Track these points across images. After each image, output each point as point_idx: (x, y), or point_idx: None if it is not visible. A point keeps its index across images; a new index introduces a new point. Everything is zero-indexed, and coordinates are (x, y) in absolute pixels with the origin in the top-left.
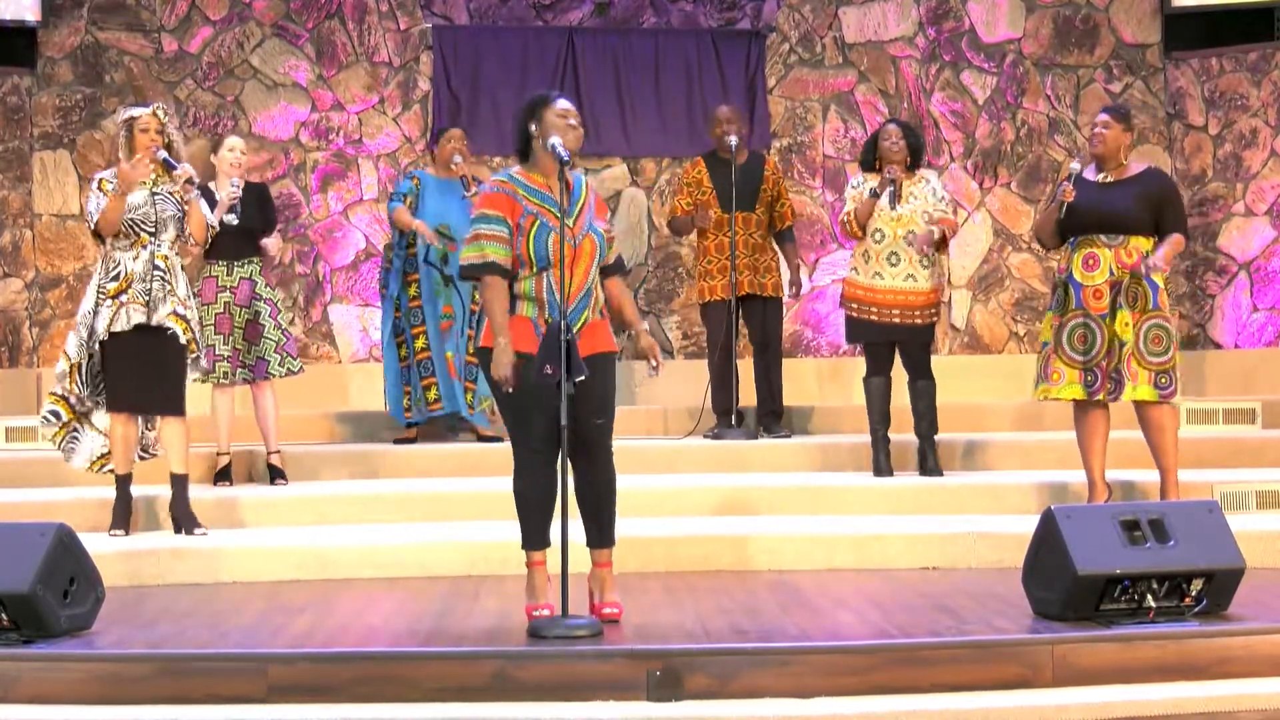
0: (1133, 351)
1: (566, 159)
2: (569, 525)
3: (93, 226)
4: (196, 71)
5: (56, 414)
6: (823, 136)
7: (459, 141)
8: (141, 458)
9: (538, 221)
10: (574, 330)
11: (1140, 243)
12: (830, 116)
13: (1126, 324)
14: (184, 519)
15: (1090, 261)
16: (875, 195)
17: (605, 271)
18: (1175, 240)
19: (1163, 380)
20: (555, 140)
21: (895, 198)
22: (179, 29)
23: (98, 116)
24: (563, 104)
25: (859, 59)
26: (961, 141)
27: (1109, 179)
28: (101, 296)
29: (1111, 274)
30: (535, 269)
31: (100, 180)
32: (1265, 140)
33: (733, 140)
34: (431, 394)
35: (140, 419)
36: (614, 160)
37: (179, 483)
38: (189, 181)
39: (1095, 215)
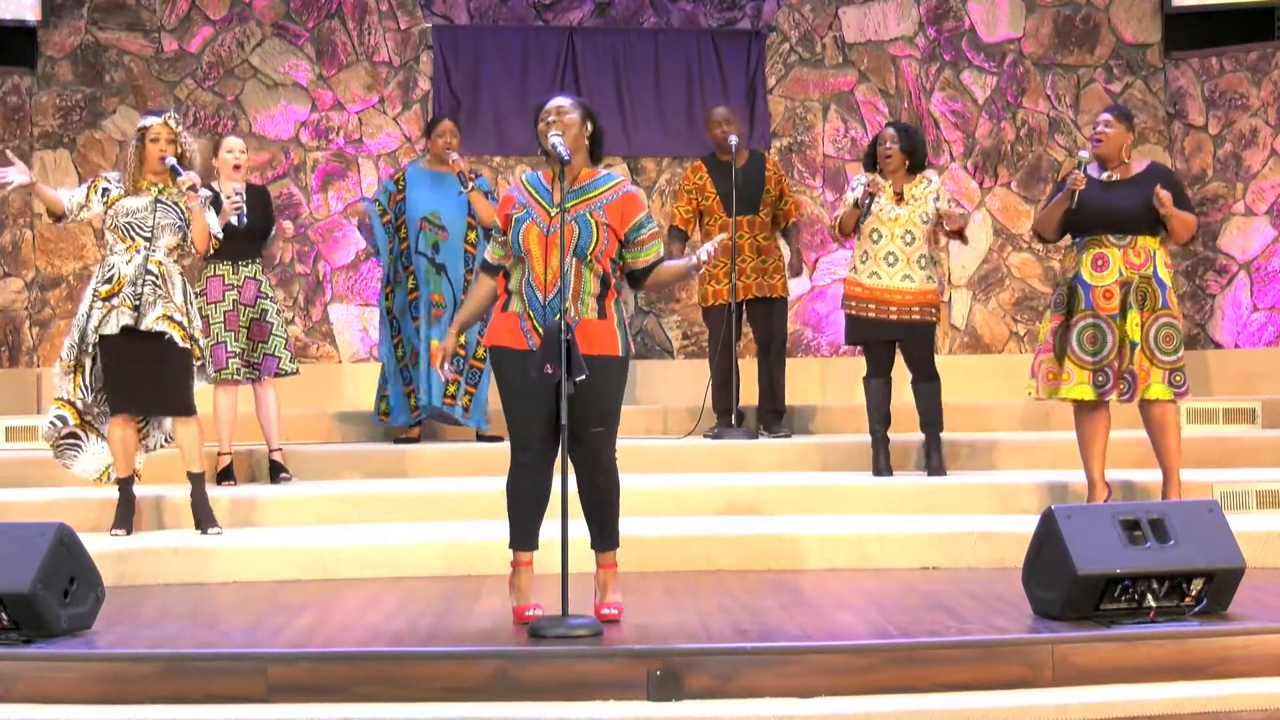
0: (1143, 351)
1: (566, 158)
2: (569, 525)
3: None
4: (196, 71)
5: (63, 419)
6: (823, 136)
7: (451, 135)
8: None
9: (522, 212)
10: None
11: (1147, 242)
12: (830, 116)
13: (1136, 324)
14: (203, 518)
15: (1099, 262)
16: (857, 207)
17: (644, 274)
18: (1189, 216)
19: (1176, 379)
20: (556, 140)
21: (867, 213)
22: (179, 29)
23: (98, 116)
24: (547, 105)
25: (859, 59)
26: (961, 141)
27: (1114, 178)
28: (94, 299)
29: (1120, 274)
30: (514, 258)
31: (94, 181)
32: (1265, 140)
33: (733, 140)
34: (412, 400)
35: (144, 423)
36: (614, 160)
37: (196, 481)
38: (192, 189)
39: (1102, 215)
